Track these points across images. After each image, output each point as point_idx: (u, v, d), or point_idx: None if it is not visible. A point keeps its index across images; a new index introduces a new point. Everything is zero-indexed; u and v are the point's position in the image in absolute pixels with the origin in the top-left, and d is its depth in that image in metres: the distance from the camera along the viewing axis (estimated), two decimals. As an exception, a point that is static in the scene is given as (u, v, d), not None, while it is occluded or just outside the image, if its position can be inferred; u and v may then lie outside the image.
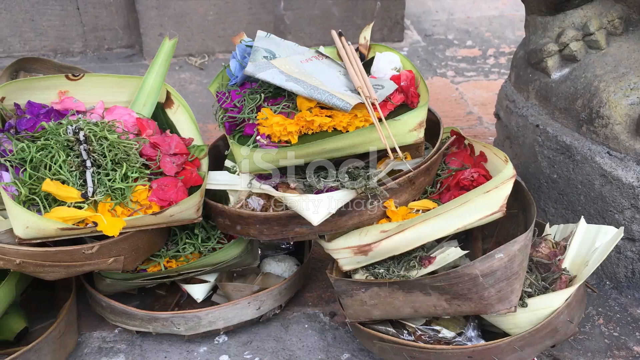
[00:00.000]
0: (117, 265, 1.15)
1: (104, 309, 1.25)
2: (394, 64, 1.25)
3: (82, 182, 1.11)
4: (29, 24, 2.43)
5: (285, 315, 1.32)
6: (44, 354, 1.12)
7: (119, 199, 1.11)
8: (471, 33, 2.63)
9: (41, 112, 1.23)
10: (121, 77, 1.33)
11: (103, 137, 1.18)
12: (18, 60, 1.31)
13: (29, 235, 1.05)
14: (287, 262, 1.35)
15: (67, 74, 1.27)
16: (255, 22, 2.44)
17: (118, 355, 1.24)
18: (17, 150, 1.12)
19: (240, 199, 1.19)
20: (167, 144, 1.26)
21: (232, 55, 1.25)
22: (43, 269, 1.09)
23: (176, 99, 1.35)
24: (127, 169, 1.15)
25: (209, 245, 1.26)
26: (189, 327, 1.21)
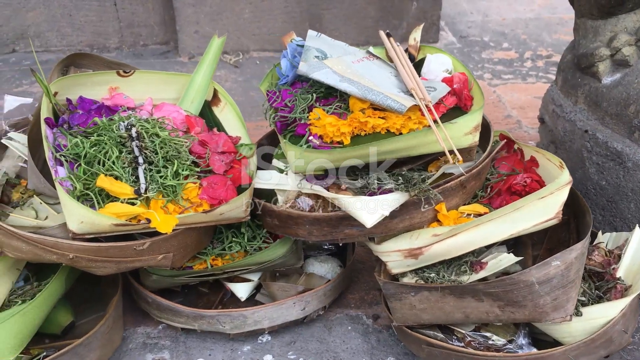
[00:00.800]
0: (166, 262, 1.15)
1: (149, 305, 1.26)
2: (445, 66, 1.23)
3: (134, 179, 1.12)
4: (66, 19, 2.46)
5: (328, 317, 1.31)
6: (92, 349, 1.12)
7: (171, 196, 1.11)
8: (507, 35, 2.60)
9: (92, 108, 1.24)
10: (170, 74, 1.33)
11: (154, 134, 1.18)
12: (69, 56, 1.31)
13: (83, 230, 1.05)
14: (330, 263, 1.34)
15: (118, 71, 1.28)
16: (290, 20, 2.43)
17: (162, 351, 1.24)
18: (72, 146, 1.13)
19: (289, 199, 1.18)
20: (214, 142, 1.26)
21: (282, 54, 1.25)
22: (95, 264, 1.09)
23: (223, 97, 1.35)
24: (178, 167, 1.15)
25: (255, 245, 1.26)
26: (235, 326, 1.21)
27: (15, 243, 1.07)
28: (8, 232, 1.06)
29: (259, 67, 2.37)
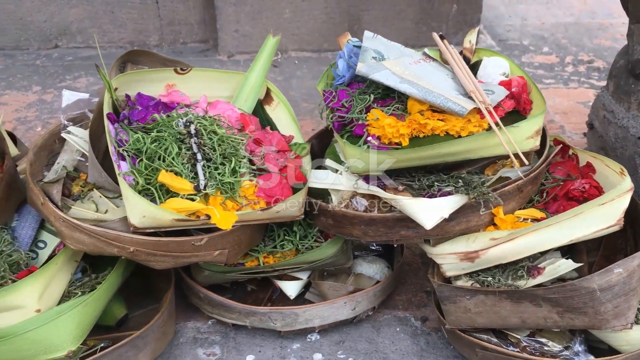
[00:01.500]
0: (222, 258, 1.16)
1: (201, 300, 1.27)
2: (502, 69, 1.23)
3: (193, 175, 1.13)
4: (108, 15, 2.49)
5: (376, 318, 1.31)
6: (149, 341, 1.14)
7: (229, 193, 1.12)
8: (547, 39, 2.58)
9: (150, 104, 1.26)
10: (225, 72, 1.35)
11: (212, 131, 1.19)
12: (126, 53, 1.33)
13: (144, 225, 1.07)
14: (378, 264, 1.35)
15: (175, 68, 1.30)
16: (330, 21, 2.44)
17: (213, 346, 1.26)
18: (133, 141, 1.15)
19: (344, 199, 1.19)
20: (268, 141, 1.27)
21: (339, 54, 1.25)
22: (154, 258, 1.11)
23: (276, 96, 1.36)
24: (236, 164, 1.16)
25: (306, 243, 1.26)
26: (286, 324, 1.22)
27: (78, 235, 1.09)
28: (71, 224, 1.08)
29: (298, 67, 2.38)
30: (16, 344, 1.01)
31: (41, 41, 2.51)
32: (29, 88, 2.25)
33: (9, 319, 1.03)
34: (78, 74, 2.35)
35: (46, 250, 1.20)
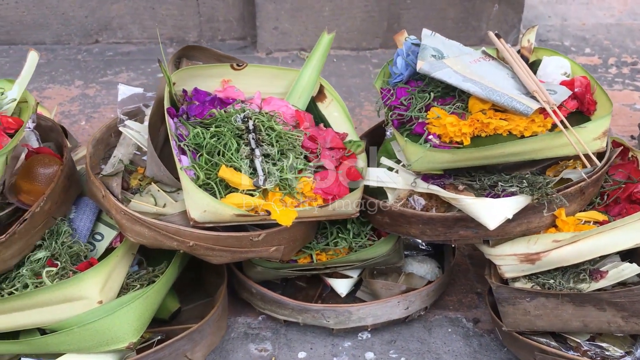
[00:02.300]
0: (277, 255, 1.16)
1: (253, 296, 1.27)
2: (563, 69, 1.21)
3: (252, 171, 1.13)
4: (149, 12, 2.51)
5: (427, 318, 1.30)
6: (205, 335, 1.15)
7: (288, 190, 1.12)
8: (588, 40, 2.54)
9: (206, 99, 1.26)
10: (280, 69, 1.35)
11: (270, 127, 1.19)
12: (182, 48, 1.34)
13: (204, 219, 1.07)
14: (429, 264, 1.34)
15: (232, 64, 1.30)
16: (369, 19, 2.43)
17: (264, 342, 1.26)
18: (193, 136, 1.15)
19: (401, 197, 1.18)
20: (322, 138, 1.27)
21: (397, 52, 1.24)
22: (212, 253, 1.11)
23: (329, 93, 1.36)
24: (293, 160, 1.16)
25: (359, 241, 1.26)
26: (339, 321, 1.22)
27: (139, 228, 1.10)
28: (133, 217, 1.09)
29: (336, 65, 2.38)
30: (80, 334, 1.02)
31: (82, 36, 2.54)
32: (71, 82, 2.28)
33: (72, 309, 1.04)
34: (119, 69, 2.37)
35: (103, 243, 1.21)
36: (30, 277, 1.07)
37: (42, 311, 1.03)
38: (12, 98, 1.21)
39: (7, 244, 1.05)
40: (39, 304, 1.03)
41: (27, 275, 1.07)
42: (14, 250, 1.07)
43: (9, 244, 1.05)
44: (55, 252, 1.11)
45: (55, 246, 1.12)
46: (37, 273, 1.09)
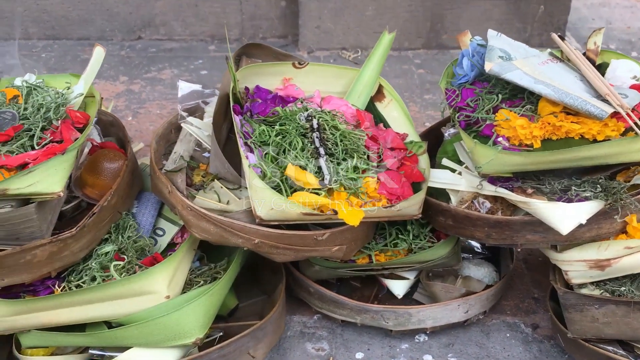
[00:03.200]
0: (339, 254, 1.16)
1: (310, 295, 1.27)
2: (633, 73, 1.19)
3: (316, 170, 1.13)
4: (192, 9, 2.52)
5: (485, 322, 1.29)
6: (267, 333, 1.15)
7: (353, 189, 1.12)
8: (635, 44, 2.50)
9: (268, 97, 1.27)
10: (340, 67, 1.34)
11: (334, 126, 1.19)
12: (243, 46, 1.34)
13: (271, 217, 1.07)
14: (486, 267, 1.32)
15: (293, 62, 1.30)
16: (413, 19, 2.42)
17: (321, 341, 1.26)
18: (258, 133, 1.15)
19: (465, 199, 1.17)
20: (382, 138, 1.26)
21: (462, 53, 1.23)
22: (276, 251, 1.11)
23: (389, 93, 1.35)
24: (357, 160, 1.15)
25: (419, 243, 1.25)
26: (398, 323, 1.21)
27: (205, 225, 1.10)
28: (199, 213, 1.09)
29: (378, 64, 2.36)
30: (149, 328, 1.03)
31: (125, 32, 2.56)
32: (116, 78, 2.30)
33: (140, 303, 1.04)
34: (162, 66, 2.38)
35: (165, 238, 1.22)
36: (98, 271, 1.08)
37: (112, 304, 1.04)
38: (79, 93, 1.22)
39: (77, 236, 1.06)
40: (108, 297, 1.04)
41: (96, 269, 1.08)
42: (82, 243, 1.08)
43: (79, 236, 1.06)
44: (122, 246, 1.12)
45: (122, 240, 1.13)
46: (105, 267, 1.10)
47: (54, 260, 1.05)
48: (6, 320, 1.04)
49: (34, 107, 1.16)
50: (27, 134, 1.12)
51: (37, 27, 2.54)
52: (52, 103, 1.17)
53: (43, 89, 1.22)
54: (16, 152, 1.08)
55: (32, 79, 1.25)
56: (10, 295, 1.08)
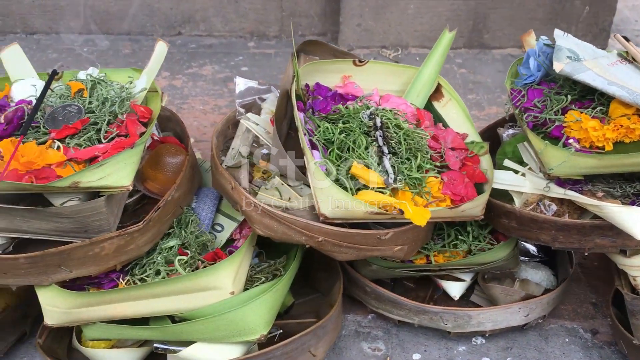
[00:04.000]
0: (400, 254, 1.15)
1: (366, 294, 1.26)
2: None
3: (381, 169, 1.12)
4: (232, 5, 2.53)
5: (543, 326, 1.27)
6: (327, 331, 1.14)
7: (417, 189, 1.11)
8: (681, 46, 2.45)
9: (328, 95, 1.26)
10: (399, 66, 1.33)
11: (397, 125, 1.18)
12: (302, 43, 1.33)
13: (335, 215, 1.07)
14: (543, 271, 1.30)
15: (354, 60, 1.29)
16: (455, 18, 2.39)
17: (377, 341, 1.25)
18: (322, 131, 1.15)
19: (530, 202, 1.15)
20: (442, 137, 1.25)
21: (527, 53, 1.21)
22: (339, 249, 1.11)
23: (447, 92, 1.34)
24: (421, 160, 1.14)
25: (479, 244, 1.24)
26: (457, 325, 1.20)
27: (268, 221, 1.10)
28: (263, 210, 1.09)
29: (418, 63, 2.34)
30: (215, 323, 1.03)
31: (165, 28, 2.57)
32: (158, 73, 2.29)
33: (205, 299, 1.04)
34: (203, 62, 2.39)
35: (224, 234, 1.22)
36: (162, 265, 1.08)
37: (177, 298, 1.04)
38: (141, 87, 1.23)
39: (143, 230, 1.06)
40: (174, 292, 1.04)
41: (160, 263, 1.08)
42: (147, 237, 1.08)
43: (144, 230, 1.07)
44: (186, 241, 1.12)
45: (185, 235, 1.13)
46: (169, 261, 1.10)
47: (121, 254, 1.06)
48: (72, 312, 1.05)
49: (99, 101, 1.17)
50: (94, 128, 1.12)
51: (79, 22, 2.56)
52: (117, 97, 1.18)
53: (107, 83, 1.22)
54: (84, 145, 1.09)
55: (95, 73, 1.26)
56: (75, 288, 1.09)
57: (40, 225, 1.02)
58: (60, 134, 1.09)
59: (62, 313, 1.05)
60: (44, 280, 1.03)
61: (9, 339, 1.18)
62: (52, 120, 1.13)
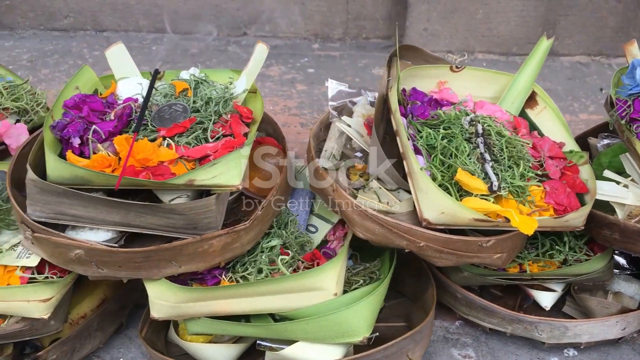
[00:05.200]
0: (499, 262, 1.14)
1: (457, 300, 1.26)
2: None
3: (484, 176, 1.11)
4: (299, 7, 2.55)
5: (636, 340, 1.25)
6: (423, 336, 1.14)
7: (521, 197, 1.10)
8: None
9: (424, 100, 1.26)
10: (494, 72, 1.33)
11: (498, 132, 1.18)
12: (398, 47, 1.34)
13: (439, 221, 1.07)
14: (637, 284, 1.28)
15: (451, 66, 1.29)
16: (524, 25, 2.37)
17: (466, 348, 1.24)
18: (425, 136, 1.15)
19: (634, 214, 1.14)
20: (539, 146, 1.24)
21: (632, 63, 1.19)
22: (439, 255, 1.11)
23: (542, 100, 1.33)
24: (524, 168, 1.14)
25: (575, 255, 1.22)
26: (552, 336, 1.19)
27: (369, 224, 1.10)
28: (365, 213, 1.09)
29: (485, 69, 2.33)
30: (319, 324, 1.04)
31: (231, 28, 2.61)
32: (226, 73, 2.34)
33: (309, 299, 1.06)
34: (269, 62, 2.41)
35: (318, 235, 1.23)
36: (266, 264, 1.10)
37: (281, 298, 1.06)
38: (242, 88, 1.25)
39: (248, 229, 1.08)
40: (279, 291, 1.05)
41: (264, 262, 1.10)
42: (251, 235, 1.10)
43: (249, 229, 1.08)
44: (287, 241, 1.14)
45: (286, 235, 1.14)
46: (271, 260, 1.11)
47: (226, 251, 1.08)
48: (180, 306, 1.07)
49: (203, 101, 1.20)
50: (200, 127, 1.15)
51: (148, 20, 2.62)
52: (221, 97, 1.20)
53: (209, 83, 1.25)
54: (193, 144, 1.11)
55: (196, 73, 1.28)
56: (179, 283, 1.11)
57: (153, 220, 1.04)
58: (170, 132, 1.12)
59: (169, 307, 1.07)
60: (155, 274, 1.06)
61: (109, 330, 1.22)
62: (159, 118, 1.16)
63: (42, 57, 2.44)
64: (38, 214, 1.05)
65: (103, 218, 1.04)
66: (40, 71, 2.33)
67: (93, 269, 1.05)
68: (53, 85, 2.24)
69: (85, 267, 1.05)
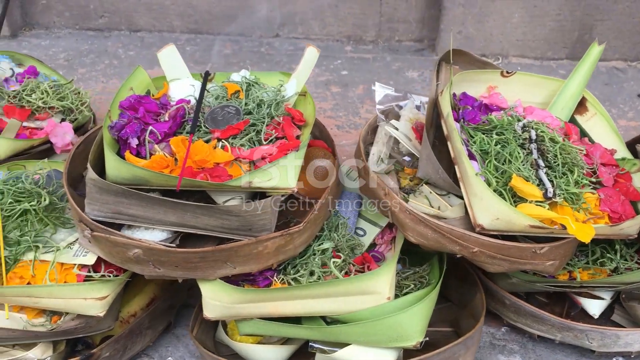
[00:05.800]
0: (551, 269, 1.14)
1: (505, 307, 1.26)
2: None
3: (538, 182, 1.11)
4: (332, 9, 2.55)
5: (686, 351, 1.24)
6: (474, 342, 1.14)
7: (576, 204, 1.09)
8: None
9: (474, 105, 1.26)
10: (544, 78, 1.32)
11: (551, 138, 1.17)
12: (446, 52, 1.34)
13: (494, 227, 1.06)
14: (687, 294, 1.27)
15: (502, 71, 1.28)
16: (559, 29, 2.35)
17: (513, 354, 1.24)
18: (478, 141, 1.15)
19: (689, 223, 1.12)
20: (591, 153, 1.23)
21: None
22: (492, 261, 1.10)
23: (592, 106, 1.32)
24: (578, 175, 1.13)
25: (626, 263, 1.21)
26: (603, 344, 1.18)
27: (422, 229, 1.10)
28: (418, 217, 1.09)
29: (520, 73, 2.32)
30: (373, 328, 1.04)
31: (264, 29, 2.62)
32: (260, 74, 2.35)
33: (362, 302, 1.06)
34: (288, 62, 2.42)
35: (366, 238, 1.24)
36: (318, 267, 1.11)
37: (335, 300, 1.06)
38: (293, 91, 1.25)
39: (302, 231, 1.09)
40: (333, 294, 1.06)
41: (317, 264, 1.10)
42: (304, 238, 1.11)
43: (303, 231, 1.09)
44: (338, 244, 1.14)
45: (338, 238, 1.15)
46: (323, 263, 1.12)
47: (279, 253, 1.08)
48: (234, 307, 1.08)
49: (255, 103, 1.20)
50: (253, 129, 1.16)
51: (182, 21, 2.64)
52: (272, 100, 1.21)
53: (260, 86, 1.26)
54: (247, 146, 1.12)
55: (247, 75, 1.29)
56: (231, 283, 1.12)
57: (209, 221, 1.05)
58: (225, 134, 1.13)
59: (223, 307, 1.08)
60: (210, 275, 1.07)
61: (158, 328, 1.23)
62: (212, 120, 1.17)
63: (78, 56, 2.47)
64: (96, 213, 1.06)
65: (160, 218, 1.05)
66: (78, 70, 2.36)
67: (150, 268, 1.06)
68: (90, 84, 2.27)
69: (142, 266, 1.06)
